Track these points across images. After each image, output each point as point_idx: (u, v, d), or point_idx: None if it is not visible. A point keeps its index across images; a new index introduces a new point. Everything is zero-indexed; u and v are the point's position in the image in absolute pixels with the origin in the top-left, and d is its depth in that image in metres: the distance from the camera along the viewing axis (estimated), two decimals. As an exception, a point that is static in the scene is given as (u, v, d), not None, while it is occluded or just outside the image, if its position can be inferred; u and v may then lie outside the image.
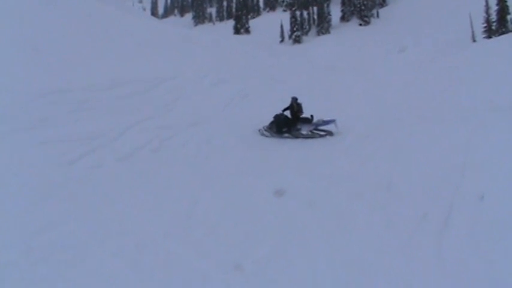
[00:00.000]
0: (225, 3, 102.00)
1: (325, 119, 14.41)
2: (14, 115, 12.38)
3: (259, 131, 14.78)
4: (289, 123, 14.48)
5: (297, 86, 21.65)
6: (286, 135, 14.52)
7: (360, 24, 58.27)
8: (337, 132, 14.15)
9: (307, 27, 63.32)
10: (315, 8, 63.55)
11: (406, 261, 6.27)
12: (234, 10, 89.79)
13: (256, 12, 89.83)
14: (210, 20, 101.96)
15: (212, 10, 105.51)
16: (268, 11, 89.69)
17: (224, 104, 18.14)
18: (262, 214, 8.30)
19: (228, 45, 32.48)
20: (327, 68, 32.16)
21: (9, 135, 11.23)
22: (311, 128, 14.44)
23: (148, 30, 27.94)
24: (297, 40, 59.25)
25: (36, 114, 12.89)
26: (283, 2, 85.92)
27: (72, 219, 7.59)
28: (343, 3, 62.21)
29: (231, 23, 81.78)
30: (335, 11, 61.40)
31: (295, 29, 60.50)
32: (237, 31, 74.54)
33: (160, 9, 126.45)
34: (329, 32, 59.41)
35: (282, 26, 62.31)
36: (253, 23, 77.97)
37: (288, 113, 14.91)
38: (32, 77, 15.21)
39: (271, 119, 14.74)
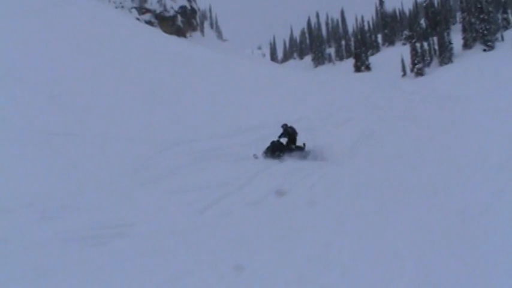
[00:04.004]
0: (343, 43, 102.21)
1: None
2: (144, 166, 13.07)
3: (254, 155, 15.45)
4: (283, 148, 16.03)
5: (424, 120, 20.97)
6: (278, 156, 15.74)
7: (484, 50, 55.44)
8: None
9: (429, 58, 61.47)
10: (435, 38, 61.68)
11: None
12: (352, 48, 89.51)
13: (375, 48, 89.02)
14: (330, 60, 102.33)
15: (331, 50, 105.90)
16: (387, 46, 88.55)
17: (350, 143, 17.88)
18: (397, 254, 7.95)
19: (349, 84, 32.38)
20: (449, 97, 30.77)
21: (141, 186, 11.79)
22: (301, 154, 16.13)
23: (267, 75, 28.55)
24: (419, 73, 57.65)
25: (165, 164, 13.50)
26: (401, 35, 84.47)
27: (205, 266, 7.65)
28: (464, 30, 59.52)
29: (350, 61, 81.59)
30: (456, 39, 58.98)
31: (416, 61, 59.00)
32: (357, 69, 74.16)
33: (280, 54, 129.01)
34: (451, 61, 57.13)
35: (402, 60, 61.08)
36: (373, 59, 77.26)
37: (283, 140, 16.35)
38: (156, 127, 16.06)
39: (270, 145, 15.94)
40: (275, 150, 15.71)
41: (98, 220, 9.08)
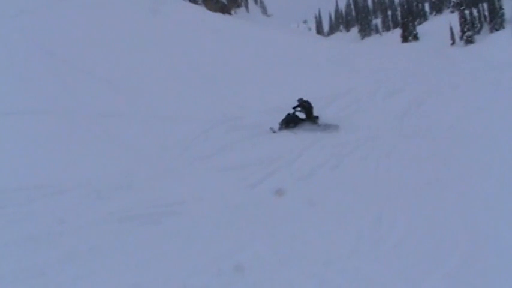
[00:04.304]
0: (389, 13, 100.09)
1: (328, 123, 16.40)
2: (194, 144, 13.17)
3: (270, 128, 15.55)
4: (296, 120, 16.25)
5: (472, 90, 20.40)
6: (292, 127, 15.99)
7: (537, 14, 53.13)
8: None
9: (479, 25, 59.34)
10: (485, 5, 59.49)
11: None
12: (399, 18, 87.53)
13: (423, 17, 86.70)
14: (377, 31, 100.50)
15: (377, 21, 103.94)
16: (435, 15, 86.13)
17: (400, 115, 17.52)
18: (449, 225, 7.80)
19: (396, 55, 31.73)
20: (501, 65, 29.68)
21: (192, 163, 11.91)
22: (315, 126, 16.38)
23: (313, 48, 28.23)
24: (469, 40, 55.76)
25: (214, 142, 13.58)
26: (449, 3, 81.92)
27: (257, 240, 7.65)
28: (516, -6, 57.35)
29: (397, 31, 79.87)
30: (508, 4, 56.78)
31: (465, 29, 57.13)
32: (404, 39, 72.49)
33: (326, 27, 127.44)
34: (503, 27, 54.99)
35: (451, 28, 59.27)
36: (420, 28, 75.29)
37: (299, 113, 16.52)
38: (207, 105, 16.17)
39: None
40: (289, 122, 16.09)
41: (150, 199, 9.21)
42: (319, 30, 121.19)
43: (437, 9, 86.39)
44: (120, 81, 17.45)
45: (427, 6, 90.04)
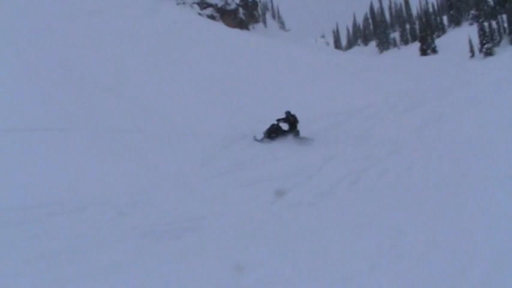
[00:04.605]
0: (407, 26, 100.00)
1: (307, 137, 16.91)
2: (214, 158, 13.21)
3: (254, 137, 16.13)
4: (279, 132, 16.81)
5: (494, 103, 20.19)
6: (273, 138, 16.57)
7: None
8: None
9: (498, 37, 58.97)
10: (504, 16, 59.18)
11: None
12: (417, 32, 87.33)
13: (441, 30, 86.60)
14: (395, 44, 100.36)
15: (395, 35, 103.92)
16: (453, 27, 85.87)
17: (420, 129, 17.41)
18: (473, 240, 7.67)
19: (415, 68, 31.62)
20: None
21: (211, 178, 11.92)
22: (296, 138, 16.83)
23: (331, 63, 28.26)
24: (489, 53, 55.55)
25: (235, 156, 13.62)
26: (468, 15, 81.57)
27: (277, 256, 7.61)
28: (535, 6, 57.02)
29: (416, 45, 79.83)
30: (528, 16, 56.45)
31: (484, 41, 56.82)
32: (423, 52, 72.31)
33: (343, 41, 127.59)
34: (523, 39, 54.67)
35: (470, 41, 59.01)
36: (439, 41, 75.16)
37: (284, 125, 17.04)
38: (226, 119, 16.28)
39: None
40: (272, 132, 16.62)
41: (170, 214, 9.23)
42: (337, 44, 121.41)
43: (456, 21, 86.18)
44: (138, 96, 17.60)
45: (445, 19, 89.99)
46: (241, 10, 75.13)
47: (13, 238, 7.46)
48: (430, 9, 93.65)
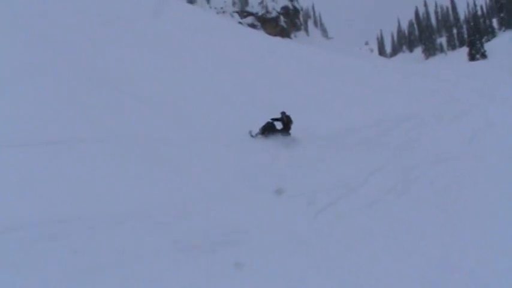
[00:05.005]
0: (455, 31, 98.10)
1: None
2: (254, 174, 13.03)
3: (249, 131, 16.98)
4: (273, 130, 17.42)
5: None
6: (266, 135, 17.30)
7: None
8: None
9: (553, 39, 57.22)
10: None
11: None
12: (465, 36, 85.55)
13: (491, 34, 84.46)
14: (442, 50, 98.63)
15: (442, 40, 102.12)
16: (504, 31, 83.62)
17: (469, 137, 16.93)
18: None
19: (463, 74, 30.96)
20: None
21: (253, 190, 11.76)
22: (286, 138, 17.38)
23: (375, 71, 27.93)
24: (543, 57, 53.88)
25: (276, 167, 13.45)
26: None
27: (322, 272, 7.45)
28: None
29: (464, 50, 78.27)
30: None
31: (539, 44, 55.24)
32: (471, 57, 70.80)
33: (388, 48, 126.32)
34: None
35: (524, 44, 57.45)
36: (488, 46, 73.35)
37: (278, 124, 17.62)
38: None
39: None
40: (266, 129, 17.35)
41: (210, 227, 9.09)
42: (382, 51, 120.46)
43: (507, 24, 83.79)
44: (167, 104, 17.53)
45: (495, 22, 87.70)
46: (282, 18, 75.24)
47: (56, 252, 7.44)
48: (479, 12, 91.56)
